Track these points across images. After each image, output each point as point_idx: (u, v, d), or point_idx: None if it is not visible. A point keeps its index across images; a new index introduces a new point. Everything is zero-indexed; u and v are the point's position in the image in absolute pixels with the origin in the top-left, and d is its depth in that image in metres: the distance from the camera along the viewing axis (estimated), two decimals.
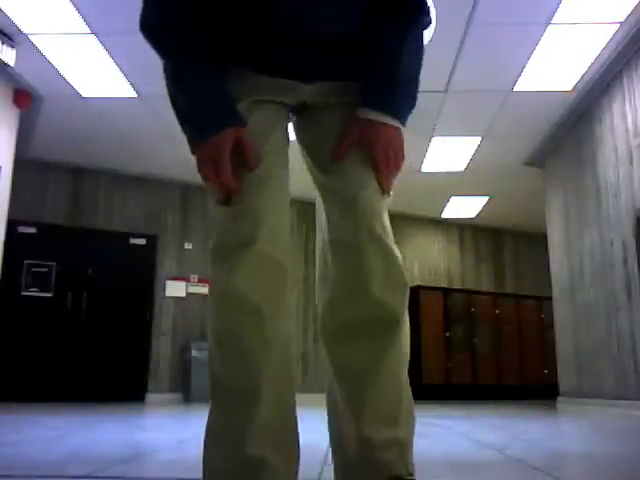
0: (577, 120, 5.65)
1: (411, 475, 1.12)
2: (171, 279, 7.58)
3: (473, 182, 7.68)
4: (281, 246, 1.15)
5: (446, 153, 6.75)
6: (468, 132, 6.19)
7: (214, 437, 1.16)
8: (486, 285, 9.79)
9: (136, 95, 5.43)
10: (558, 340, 6.21)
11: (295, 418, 1.24)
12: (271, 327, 1.10)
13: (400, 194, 8.96)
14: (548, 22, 4.24)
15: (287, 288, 1.15)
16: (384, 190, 1.29)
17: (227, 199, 1.16)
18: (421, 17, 1.27)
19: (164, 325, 7.42)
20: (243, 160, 1.14)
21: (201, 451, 1.17)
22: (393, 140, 1.37)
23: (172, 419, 4.58)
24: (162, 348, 7.34)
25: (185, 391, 7.15)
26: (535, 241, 9.62)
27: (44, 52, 4.72)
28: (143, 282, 7.38)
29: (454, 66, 4.87)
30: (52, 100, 5.59)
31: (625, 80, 4.72)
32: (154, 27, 1.23)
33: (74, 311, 6.93)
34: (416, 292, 8.75)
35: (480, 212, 9.02)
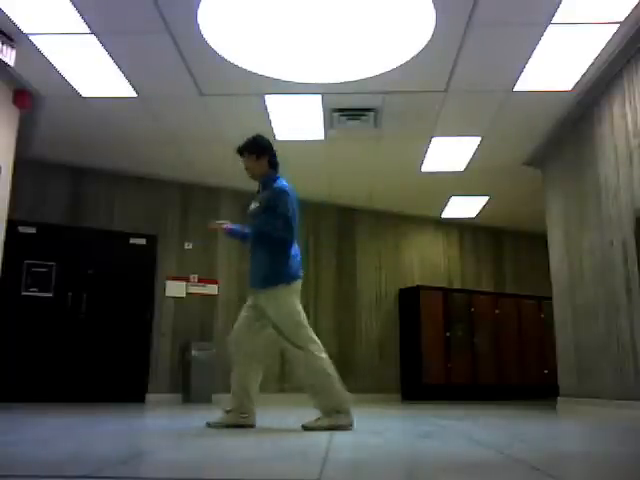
0: (577, 120, 5.64)
1: None
2: (171, 279, 7.58)
3: (473, 182, 7.68)
4: None
5: (446, 153, 6.75)
6: (468, 132, 6.19)
7: None
8: (486, 285, 9.79)
9: (136, 95, 5.43)
10: (558, 340, 6.21)
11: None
12: None
13: (400, 194, 9.00)
14: (548, 22, 4.24)
15: None
16: None
17: None
18: None
19: (164, 325, 7.42)
20: None
21: (201, 451, 1.18)
22: None
23: (172, 419, 4.58)
24: (162, 348, 7.34)
25: (185, 391, 7.15)
26: (535, 241, 9.62)
27: (44, 52, 4.72)
28: (143, 282, 7.38)
29: (454, 66, 4.87)
30: (52, 100, 5.59)
31: (625, 80, 4.72)
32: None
33: (74, 311, 6.93)
34: (416, 292, 8.76)
35: (480, 212, 9.02)
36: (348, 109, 5.67)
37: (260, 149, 3.70)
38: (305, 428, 3.33)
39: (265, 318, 3.56)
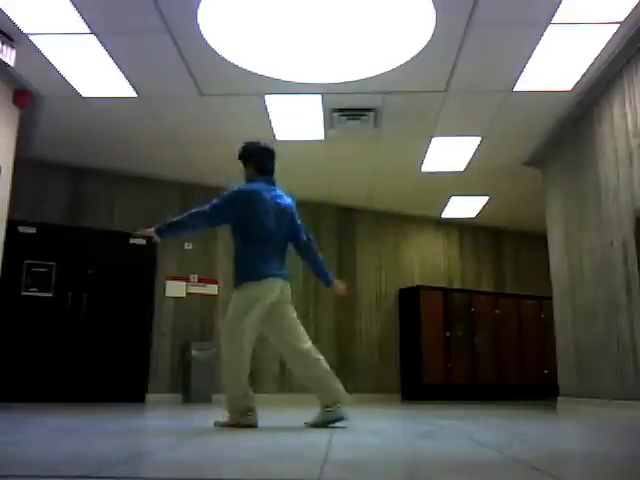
0: (577, 120, 5.65)
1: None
2: (171, 279, 7.58)
3: (473, 182, 7.68)
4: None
5: (446, 153, 6.75)
6: (468, 132, 6.19)
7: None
8: (486, 285, 9.80)
9: (136, 95, 5.43)
10: (558, 340, 6.21)
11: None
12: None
13: (400, 194, 8.99)
14: (548, 22, 4.24)
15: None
16: None
17: None
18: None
19: (164, 325, 7.42)
20: None
21: (201, 451, 1.19)
22: None
23: (172, 419, 4.58)
24: (162, 348, 7.34)
25: (185, 391, 7.15)
26: (535, 241, 9.62)
27: (44, 52, 4.72)
28: (143, 282, 7.38)
29: (454, 66, 4.87)
30: (52, 100, 5.59)
31: (625, 80, 4.72)
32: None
33: (74, 311, 6.93)
34: (416, 292, 8.76)
35: (480, 212, 9.02)
36: (348, 109, 5.67)
37: (244, 156, 3.83)
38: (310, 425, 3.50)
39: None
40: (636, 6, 4.05)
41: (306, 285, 7.98)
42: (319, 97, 5.43)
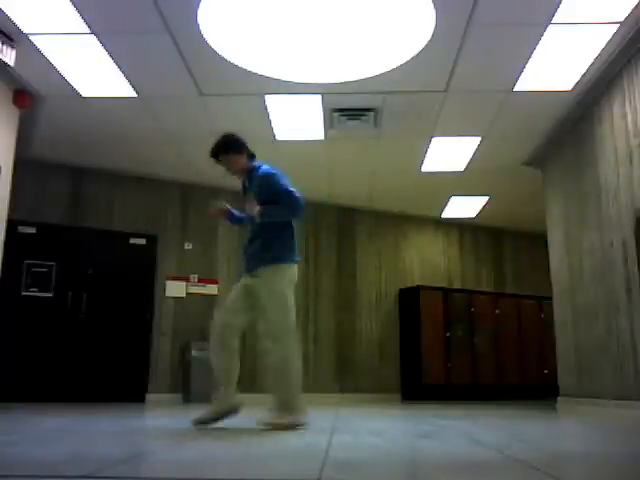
0: (577, 120, 5.65)
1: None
2: (171, 279, 7.58)
3: (473, 182, 7.69)
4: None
5: (446, 153, 6.75)
6: (468, 132, 6.19)
7: None
8: (486, 285, 9.80)
9: (136, 95, 5.43)
10: (558, 340, 6.21)
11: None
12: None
13: (400, 194, 8.98)
14: (548, 22, 4.24)
15: None
16: None
17: None
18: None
19: (164, 325, 7.42)
20: None
21: (201, 451, 1.18)
22: None
23: (172, 419, 4.58)
24: (162, 348, 7.34)
25: (185, 391, 7.15)
26: (535, 241, 9.62)
27: (44, 52, 4.72)
28: (143, 282, 7.38)
29: (454, 66, 4.87)
30: (52, 100, 5.59)
31: (625, 80, 4.72)
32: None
33: (74, 311, 6.93)
34: (416, 292, 8.75)
35: (480, 212, 9.02)
36: (348, 109, 5.67)
37: (238, 144, 3.67)
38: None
39: (254, 299, 3.68)
40: (636, 6, 4.05)
41: (306, 285, 7.98)
42: (319, 97, 5.43)
